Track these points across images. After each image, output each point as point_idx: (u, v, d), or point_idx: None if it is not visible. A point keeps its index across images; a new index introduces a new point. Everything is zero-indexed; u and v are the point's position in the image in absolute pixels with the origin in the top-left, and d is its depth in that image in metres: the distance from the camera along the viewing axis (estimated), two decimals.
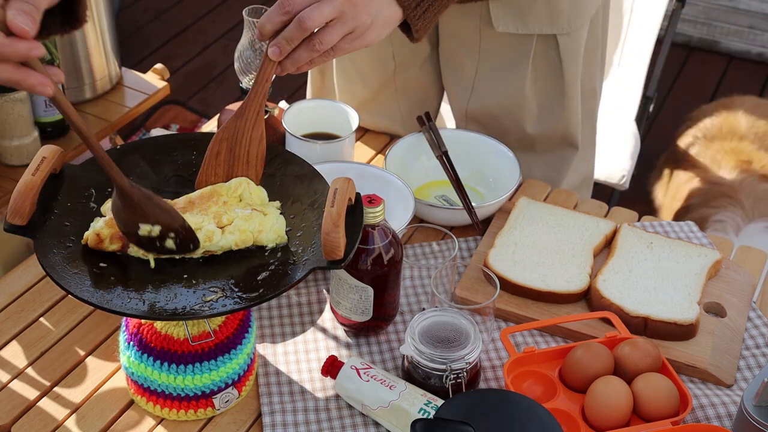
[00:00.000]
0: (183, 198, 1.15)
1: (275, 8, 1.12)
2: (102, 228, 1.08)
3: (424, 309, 1.27)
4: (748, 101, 2.51)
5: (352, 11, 1.13)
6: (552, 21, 1.47)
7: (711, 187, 2.28)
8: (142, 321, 1.12)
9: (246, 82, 1.52)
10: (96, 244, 1.08)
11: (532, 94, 1.55)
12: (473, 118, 1.61)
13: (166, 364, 1.10)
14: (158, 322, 1.11)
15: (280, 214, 1.15)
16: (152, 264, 1.08)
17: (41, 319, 1.28)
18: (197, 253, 1.09)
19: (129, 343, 1.13)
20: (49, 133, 1.73)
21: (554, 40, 1.49)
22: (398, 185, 1.40)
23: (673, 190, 2.43)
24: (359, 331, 1.25)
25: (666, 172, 2.54)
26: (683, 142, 2.51)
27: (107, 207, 1.12)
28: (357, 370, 1.14)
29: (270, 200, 1.18)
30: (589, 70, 1.59)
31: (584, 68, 1.58)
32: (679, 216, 2.29)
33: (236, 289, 1.05)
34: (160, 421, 1.15)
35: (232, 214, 1.12)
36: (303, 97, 1.83)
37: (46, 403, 1.16)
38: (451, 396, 1.12)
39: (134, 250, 1.09)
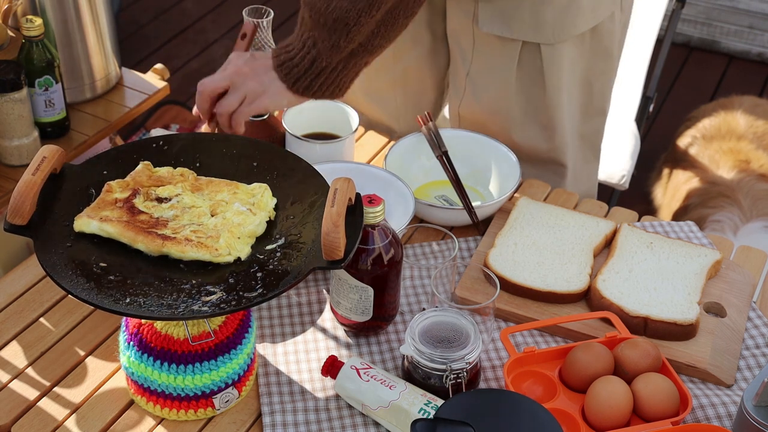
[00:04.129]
0: (206, 178, 1.20)
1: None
2: (113, 183, 1.17)
3: (424, 309, 1.27)
4: (747, 101, 2.51)
5: (239, 80, 1.33)
6: (536, 29, 1.47)
7: (709, 187, 2.28)
8: (142, 321, 1.12)
9: None
10: (106, 191, 1.15)
11: (517, 101, 1.55)
12: (465, 120, 1.61)
13: (166, 364, 1.10)
14: (158, 322, 1.11)
15: (277, 214, 1.16)
16: None
17: (41, 319, 1.28)
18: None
19: (129, 343, 1.13)
20: (49, 133, 1.73)
21: (539, 49, 1.49)
22: (398, 185, 1.40)
23: (671, 190, 2.43)
24: (359, 331, 1.25)
25: (665, 172, 2.54)
26: (682, 142, 2.51)
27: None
28: (357, 370, 1.14)
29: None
30: (600, 88, 1.59)
31: (596, 86, 1.58)
32: (678, 216, 2.29)
33: (236, 289, 1.05)
34: (160, 421, 1.15)
35: (229, 206, 1.15)
36: None
37: (46, 403, 1.16)
38: (451, 396, 1.12)
39: (137, 241, 1.10)
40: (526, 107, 1.56)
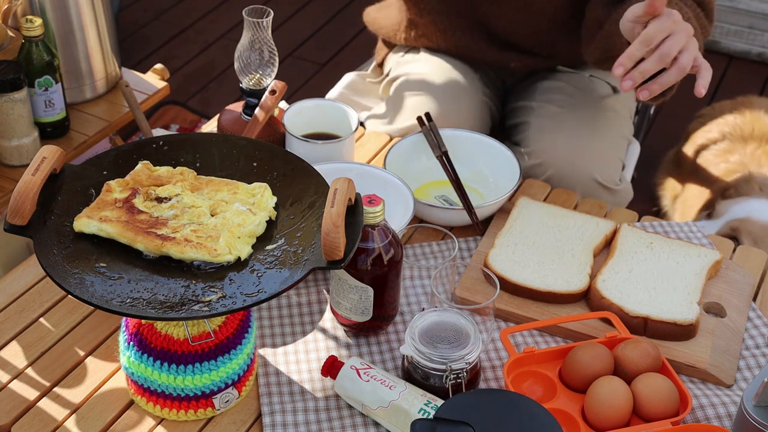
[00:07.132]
0: (205, 178, 1.20)
1: (637, 46, 1.25)
2: (113, 183, 1.16)
3: (424, 309, 1.27)
4: (765, 102, 2.49)
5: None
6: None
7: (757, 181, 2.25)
8: (142, 321, 1.12)
9: (246, 82, 1.52)
10: (106, 191, 1.15)
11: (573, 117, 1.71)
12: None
13: (166, 364, 1.10)
14: (158, 322, 1.11)
15: (277, 214, 1.16)
16: None
17: (41, 319, 1.28)
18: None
19: (129, 343, 1.13)
20: (49, 133, 1.73)
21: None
22: (398, 185, 1.40)
23: (699, 182, 2.39)
24: (359, 331, 1.25)
25: (688, 161, 2.50)
26: (705, 136, 2.46)
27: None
28: (357, 370, 1.14)
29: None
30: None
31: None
32: (707, 207, 2.27)
33: (236, 289, 1.05)
34: (160, 421, 1.15)
35: (229, 206, 1.15)
36: (303, 97, 1.83)
37: (46, 403, 1.16)
38: (451, 396, 1.12)
39: (136, 242, 1.09)
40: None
